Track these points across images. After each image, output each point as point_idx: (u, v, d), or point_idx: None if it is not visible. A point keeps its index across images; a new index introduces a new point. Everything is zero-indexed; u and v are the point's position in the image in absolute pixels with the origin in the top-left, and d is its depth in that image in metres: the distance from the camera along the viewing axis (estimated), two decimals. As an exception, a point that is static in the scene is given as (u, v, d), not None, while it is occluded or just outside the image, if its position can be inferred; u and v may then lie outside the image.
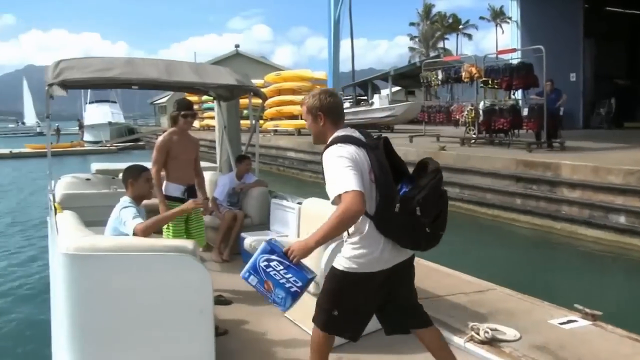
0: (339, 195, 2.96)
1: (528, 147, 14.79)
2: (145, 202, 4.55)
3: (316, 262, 3.97)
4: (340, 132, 3.27)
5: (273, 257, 3.20)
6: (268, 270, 3.21)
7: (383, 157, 3.16)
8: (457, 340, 4.33)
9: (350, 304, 3.27)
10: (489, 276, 6.19)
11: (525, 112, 16.87)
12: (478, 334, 4.31)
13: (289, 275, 3.18)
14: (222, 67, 7.40)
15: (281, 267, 3.18)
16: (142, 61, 6.49)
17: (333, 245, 4.05)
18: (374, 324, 3.52)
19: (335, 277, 3.27)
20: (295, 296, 3.21)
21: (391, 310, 3.42)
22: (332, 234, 3.05)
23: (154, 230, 4.28)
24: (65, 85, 5.86)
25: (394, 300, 3.39)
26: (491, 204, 12.97)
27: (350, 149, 3.11)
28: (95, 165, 8.62)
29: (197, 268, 3.71)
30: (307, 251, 3.12)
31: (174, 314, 3.70)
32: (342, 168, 3.02)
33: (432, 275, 6.13)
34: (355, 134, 3.27)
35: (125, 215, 4.18)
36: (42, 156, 7.76)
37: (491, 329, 4.36)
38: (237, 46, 52.31)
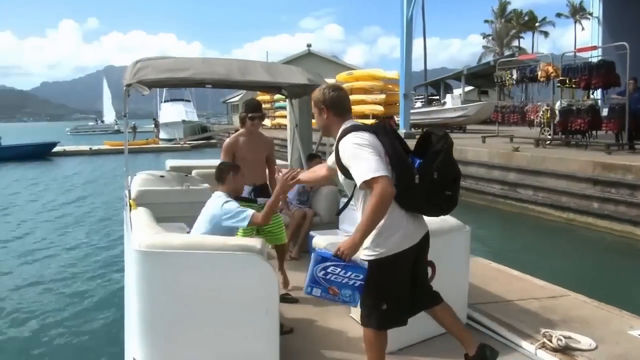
0: (366, 181, 3.12)
1: (607, 148, 14.22)
2: None
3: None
4: (348, 123, 3.45)
5: (328, 263, 3.32)
6: (328, 277, 3.33)
7: (393, 139, 3.35)
8: (527, 346, 4.20)
9: (393, 290, 3.39)
10: (563, 282, 5.96)
11: (604, 112, 16.19)
12: (550, 341, 4.16)
13: (349, 274, 3.31)
14: (294, 66, 7.45)
15: (339, 270, 3.30)
16: (215, 61, 6.62)
17: None
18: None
19: (370, 269, 3.33)
20: (361, 290, 3.33)
21: (416, 289, 3.55)
22: (375, 222, 3.18)
23: (268, 220, 4.48)
24: (143, 84, 6.06)
25: (415, 277, 3.52)
26: (566, 207, 12.52)
27: (365, 135, 3.29)
28: (170, 162, 8.84)
29: (264, 267, 3.75)
30: (356, 247, 3.26)
31: (240, 312, 3.77)
32: (366, 154, 3.17)
33: (501, 278, 5.98)
34: (361, 124, 3.45)
35: (232, 209, 4.32)
36: (120, 153, 8.07)
37: (565, 337, 4.20)
38: (309, 45, 52.71)
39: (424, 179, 3.24)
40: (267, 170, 6.05)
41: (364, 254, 3.37)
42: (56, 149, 37.97)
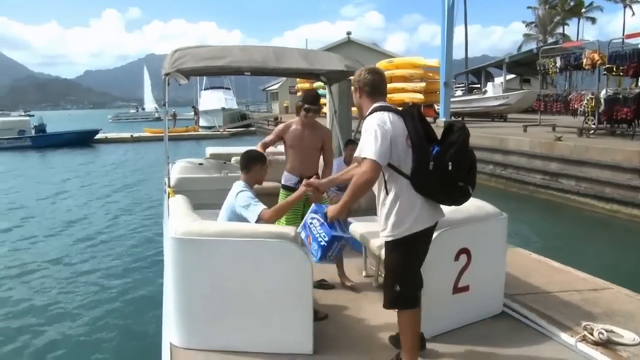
0: (361, 157, 3.40)
1: (655, 139, 13.81)
2: (256, 186, 4.66)
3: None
4: (378, 104, 3.60)
5: (316, 216, 3.84)
6: (310, 227, 3.86)
7: (418, 124, 3.45)
8: (567, 338, 4.11)
9: (405, 271, 3.57)
10: (605, 275, 5.80)
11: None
12: (592, 334, 4.06)
13: (321, 231, 3.78)
14: (332, 53, 7.41)
15: (318, 225, 3.80)
16: (252, 48, 6.62)
17: (435, 234, 3.98)
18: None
19: (387, 250, 3.59)
20: (323, 250, 3.75)
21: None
22: (354, 195, 3.45)
23: (278, 218, 4.48)
24: (182, 73, 6.10)
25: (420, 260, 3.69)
26: (610, 199, 12.22)
27: (388, 117, 3.46)
28: (210, 150, 8.91)
29: (297, 254, 3.79)
30: (338, 211, 3.65)
31: (274, 298, 3.82)
32: (373, 136, 3.35)
33: (542, 270, 5.87)
34: (391, 106, 3.61)
35: (245, 199, 4.32)
36: (160, 140, 8.18)
37: (606, 331, 4.09)
38: (348, 33, 52.32)
39: (438, 168, 3.34)
40: (320, 160, 5.86)
41: (383, 236, 3.57)
42: (98, 136, 38.81)
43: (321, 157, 5.83)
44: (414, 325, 3.63)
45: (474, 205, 4.65)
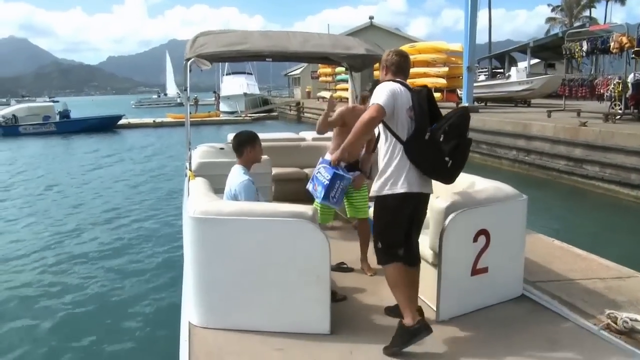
0: (371, 104, 3.78)
1: (683, 124, 13.52)
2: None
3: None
4: (394, 79, 3.97)
5: (322, 165, 4.31)
6: (317, 175, 4.31)
7: (423, 100, 3.80)
8: (590, 326, 4.06)
9: (387, 230, 3.90)
10: (630, 262, 5.71)
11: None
12: (615, 322, 4.01)
13: (325, 174, 4.20)
14: (352, 37, 7.37)
15: (323, 170, 4.25)
16: (273, 33, 6.62)
17: (453, 215, 4.04)
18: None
19: (375, 206, 3.99)
20: (326, 188, 4.16)
21: (411, 239, 3.99)
22: (357, 135, 3.82)
23: None
24: (203, 58, 6.11)
25: (415, 230, 4.01)
26: (636, 185, 12.02)
27: (395, 86, 3.85)
28: (231, 135, 8.92)
29: (315, 234, 3.80)
30: (342, 152, 4.09)
31: (291, 278, 3.84)
32: (382, 92, 3.77)
33: (565, 257, 5.80)
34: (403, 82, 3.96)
35: (245, 193, 4.37)
36: (182, 125, 8.21)
37: (631, 319, 4.02)
38: (371, 18, 52.05)
39: (432, 139, 3.70)
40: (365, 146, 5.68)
41: (372, 191, 3.95)
42: (121, 121, 39.11)
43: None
44: (399, 279, 3.84)
45: (492, 186, 4.62)
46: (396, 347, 3.63)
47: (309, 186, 4.41)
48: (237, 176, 4.56)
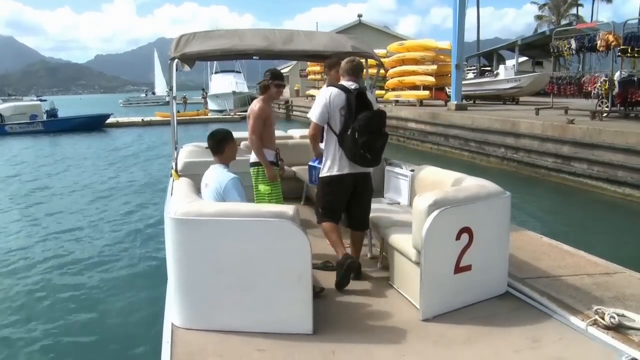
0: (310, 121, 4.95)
1: (669, 121, 13.58)
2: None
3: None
4: (341, 82, 4.97)
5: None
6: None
7: (353, 101, 4.73)
8: (578, 322, 4.03)
9: (326, 200, 5.05)
10: (618, 258, 5.71)
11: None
12: (603, 318, 3.98)
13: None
14: (337, 34, 7.34)
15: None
16: (258, 31, 6.56)
17: (435, 213, 4.02)
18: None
19: (318, 185, 5.21)
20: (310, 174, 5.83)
21: (352, 210, 5.11)
22: (312, 145, 5.27)
23: None
24: (188, 58, 6.07)
25: (356, 203, 5.08)
26: (623, 182, 12.07)
27: (329, 92, 4.85)
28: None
29: (296, 233, 3.77)
30: (316, 154, 5.39)
31: (273, 278, 3.81)
32: (316, 105, 4.89)
33: (552, 253, 5.78)
34: (346, 84, 4.89)
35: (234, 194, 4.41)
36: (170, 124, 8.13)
37: (618, 315, 4.00)
38: (359, 16, 51.95)
39: (352, 133, 4.66)
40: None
41: (320, 175, 5.09)
42: (109, 120, 38.88)
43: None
44: (329, 231, 4.95)
45: (476, 184, 4.60)
46: (337, 278, 4.65)
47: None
48: (222, 175, 4.51)
